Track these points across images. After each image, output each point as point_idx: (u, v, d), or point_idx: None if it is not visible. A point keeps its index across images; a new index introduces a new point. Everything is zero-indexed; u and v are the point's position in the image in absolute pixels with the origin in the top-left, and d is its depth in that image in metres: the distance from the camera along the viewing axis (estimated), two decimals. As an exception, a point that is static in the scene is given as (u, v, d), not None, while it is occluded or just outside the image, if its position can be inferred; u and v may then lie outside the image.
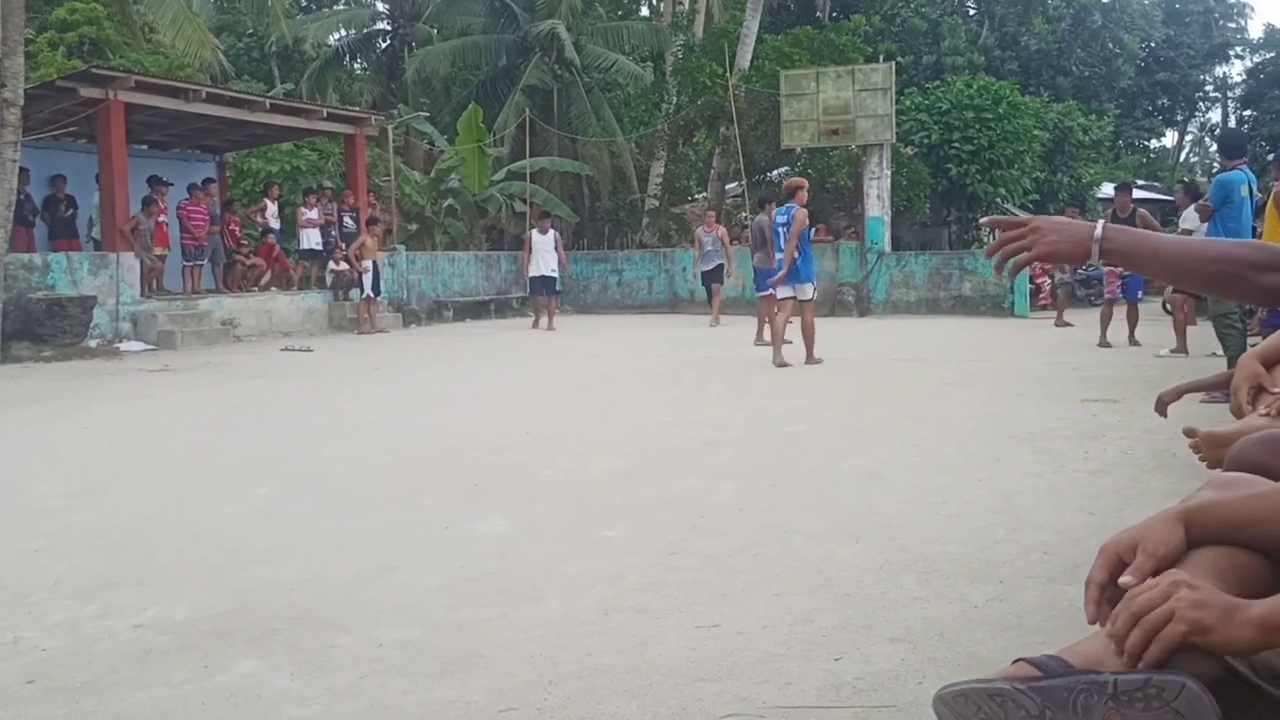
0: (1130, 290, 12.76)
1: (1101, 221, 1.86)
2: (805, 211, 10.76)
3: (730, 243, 18.08)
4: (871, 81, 20.12)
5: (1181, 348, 11.02)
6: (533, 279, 18.09)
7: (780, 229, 10.93)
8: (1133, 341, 12.34)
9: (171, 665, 2.90)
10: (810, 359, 10.73)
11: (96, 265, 14.83)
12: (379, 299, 17.93)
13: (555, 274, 17.96)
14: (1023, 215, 2.22)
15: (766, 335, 12.76)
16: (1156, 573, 1.43)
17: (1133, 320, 12.58)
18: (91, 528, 4.53)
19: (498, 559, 3.91)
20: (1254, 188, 8.70)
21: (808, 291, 10.90)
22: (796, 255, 10.63)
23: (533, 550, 4.02)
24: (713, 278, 17.73)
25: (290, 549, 4.11)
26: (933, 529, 4.16)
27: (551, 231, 18.46)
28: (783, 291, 10.89)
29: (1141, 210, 12.98)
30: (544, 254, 17.81)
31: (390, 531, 4.35)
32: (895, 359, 11.40)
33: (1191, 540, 1.46)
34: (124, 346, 14.22)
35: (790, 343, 10.96)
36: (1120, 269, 12.02)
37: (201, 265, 17.14)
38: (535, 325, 17.72)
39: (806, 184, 11.33)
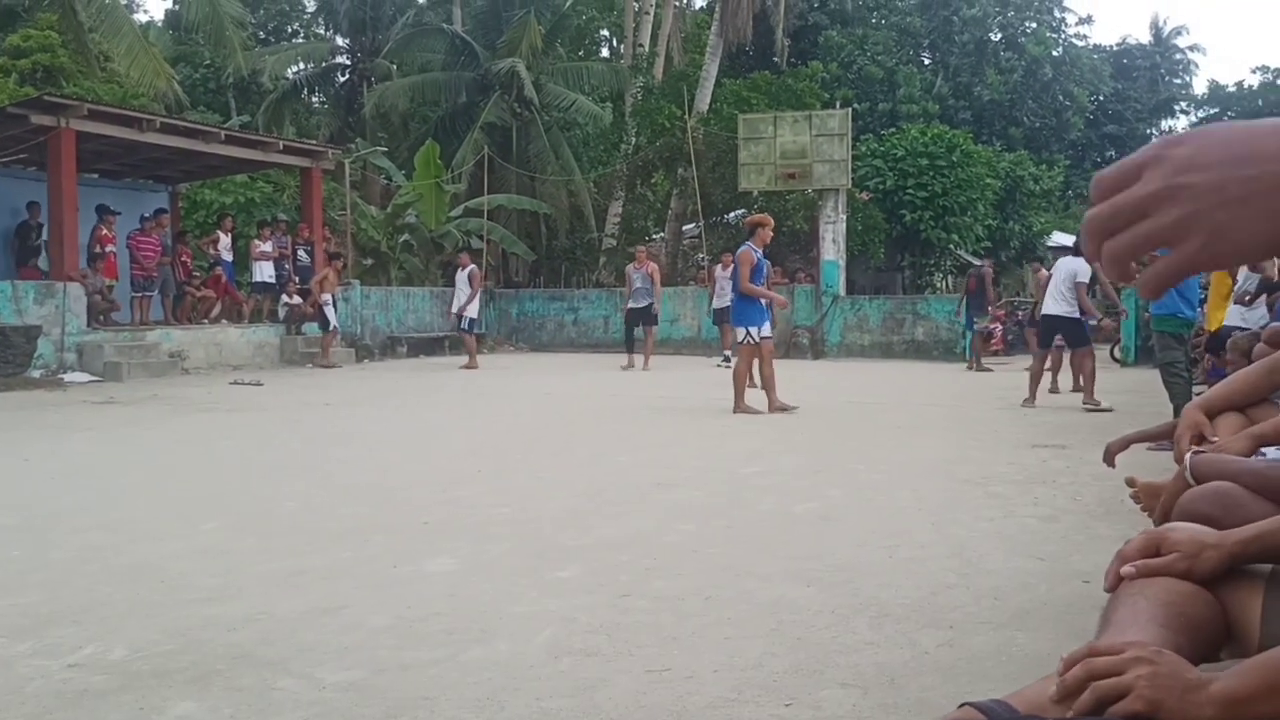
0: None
1: (1189, 454, 1.99)
2: (749, 250, 10.27)
3: (661, 282, 17.55)
4: (828, 127, 20.38)
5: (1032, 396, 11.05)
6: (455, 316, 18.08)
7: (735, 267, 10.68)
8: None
9: (107, 706, 2.81)
10: (738, 406, 10.19)
11: (42, 294, 14.59)
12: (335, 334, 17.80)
13: (462, 310, 17.64)
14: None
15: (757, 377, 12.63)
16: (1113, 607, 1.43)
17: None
18: (29, 563, 4.41)
19: (447, 599, 3.85)
20: None
21: (739, 335, 10.41)
22: (761, 293, 10.24)
23: (482, 590, 3.96)
24: (642, 318, 17.00)
25: (234, 587, 4.03)
26: (886, 573, 4.16)
27: (467, 268, 17.95)
28: (744, 333, 10.31)
29: (1096, 264, 13.27)
30: (460, 291, 17.71)
31: (337, 570, 4.27)
32: (849, 402, 11.46)
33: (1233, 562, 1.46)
34: (68, 378, 13.97)
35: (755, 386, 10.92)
36: None
37: (151, 296, 16.93)
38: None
39: (770, 222, 10.79)
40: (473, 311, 17.85)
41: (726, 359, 16.73)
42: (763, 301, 10.42)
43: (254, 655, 3.23)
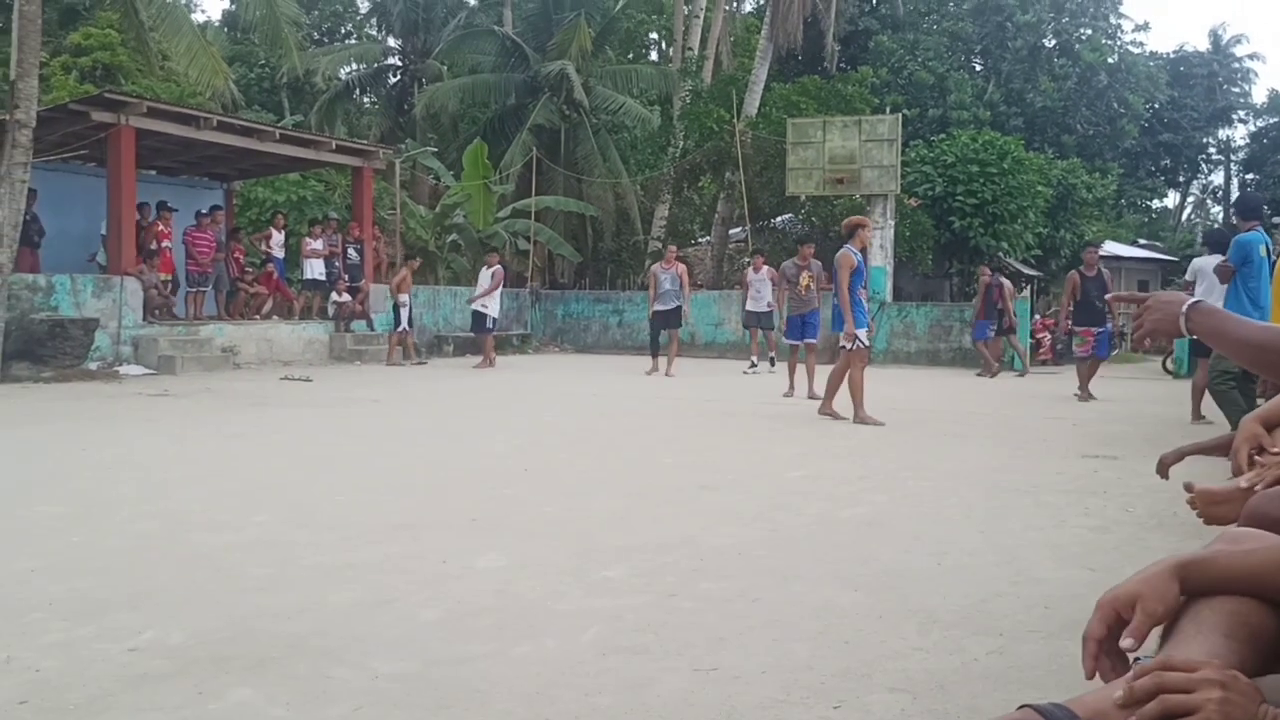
0: (1099, 348, 13.00)
1: (1190, 300, 1.94)
2: (848, 252, 9.83)
3: (691, 283, 17.09)
4: (878, 132, 20.30)
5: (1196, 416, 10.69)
6: (473, 314, 18.21)
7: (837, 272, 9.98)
8: (1085, 395, 12.55)
9: (166, 690, 2.87)
10: (858, 416, 9.75)
11: (100, 288, 14.87)
12: (409, 331, 18.17)
13: (485, 310, 17.81)
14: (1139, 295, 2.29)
15: (799, 385, 12.54)
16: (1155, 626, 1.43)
17: (1085, 374, 12.79)
18: (88, 549, 4.51)
19: (495, 595, 3.89)
20: (1270, 248, 8.68)
21: (846, 340, 9.97)
22: (851, 299, 9.80)
23: (531, 587, 4.00)
24: (668, 321, 16.26)
25: (287, 578, 4.09)
26: (933, 579, 4.15)
27: (493, 268, 18.08)
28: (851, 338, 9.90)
29: (1105, 269, 13.59)
30: (481, 287, 17.95)
31: (388, 564, 4.33)
32: (895, 408, 11.37)
33: (1186, 594, 1.46)
34: (124, 370, 14.23)
35: (819, 398, 10.86)
36: (1093, 329, 12.45)
37: (205, 291, 17.19)
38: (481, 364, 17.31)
39: (868, 223, 10.36)
40: (494, 310, 17.96)
41: (755, 365, 16.70)
42: (865, 304, 10.19)
43: (308, 644, 3.29)
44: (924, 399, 12.62)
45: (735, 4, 36.84)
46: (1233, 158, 44.07)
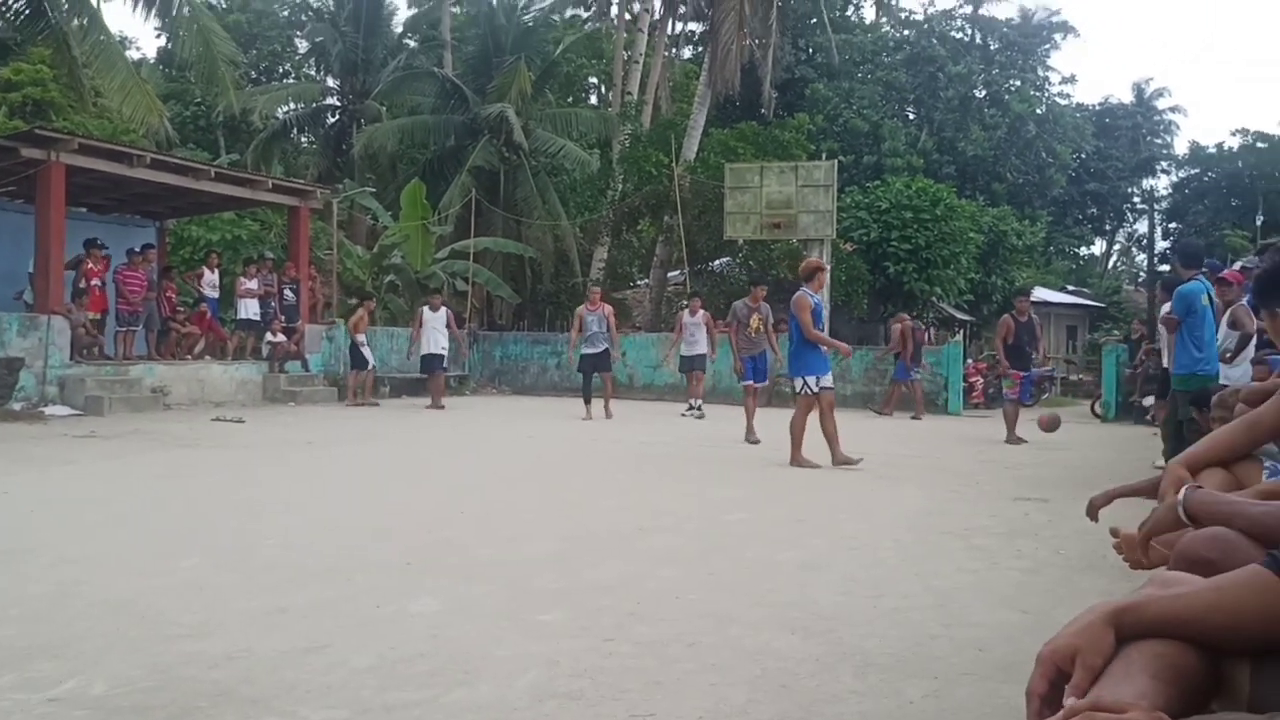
0: (1025, 391, 13.50)
1: (1186, 489, 2.01)
2: (804, 295, 9.77)
3: (617, 324, 16.73)
4: (814, 178, 20.59)
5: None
6: (423, 357, 17.97)
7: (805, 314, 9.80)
8: (1016, 438, 12.70)
9: (87, 742, 2.79)
10: (794, 459, 9.70)
11: (26, 326, 14.54)
12: (363, 371, 18.22)
13: (444, 352, 17.87)
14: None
15: (758, 428, 12.13)
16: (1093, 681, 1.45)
17: (1016, 416, 13.00)
18: (7, 596, 4.37)
19: (430, 640, 3.83)
20: (1212, 296, 8.87)
21: (797, 384, 9.89)
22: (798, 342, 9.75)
23: (466, 632, 3.95)
24: (598, 364, 15.66)
25: (215, 624, 4.00)
26: (869, 622, 4.17)
27: (443, 309, 18.24)
28: (802, 382, 9.79)
29: (1036, 316, 14.01)
30: (435, 332, 17.76)
31: (320, 609, 4.25)
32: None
33: (1121, 640, 1.48)
34: (49, 410, 13.88)
35: (758, 442, 11.16)
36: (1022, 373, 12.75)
37: (135, 331, 16.87)
38: (431, 405, 17.33)
39: (825, 267, 10.23)
40: (448, 351, 17.96)
41: (692, 408, 16.39)
42: (824, 350, 9.99)
43: (235, 693, 3.21)
44: (859, 442, 12.71)
45: (674, 50, 37.32)
46: (1156, 207, 45.32)
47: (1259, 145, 44.09)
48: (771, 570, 5.18)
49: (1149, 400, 16.37)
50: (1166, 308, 10.13)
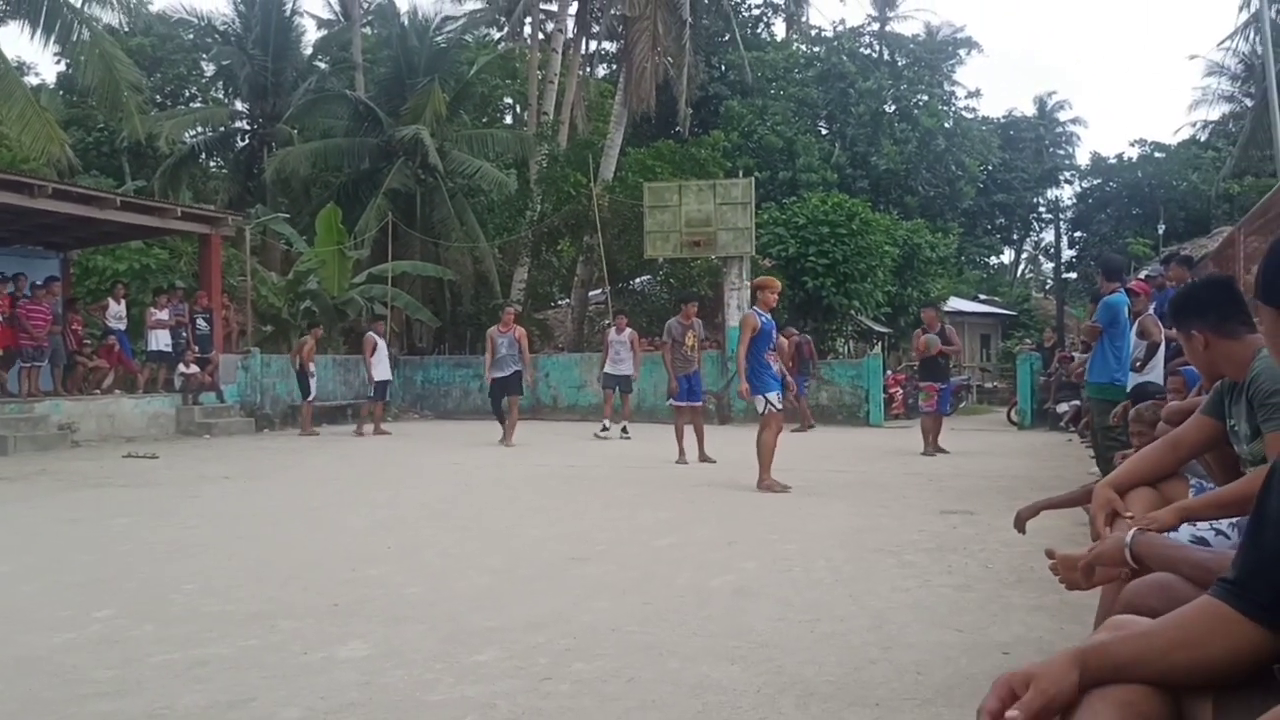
0: (941, 403, 13.52)
1: (1133, 531, 2.01)
2: (752, 314, 9.69)
3: (529, 347, 16.39)
4: (732, 196, 20.71)
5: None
6: (379, 383, 18.03)
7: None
8: (935, 449, 12.95)
9: (-3, 820, 2.63)
10: (762, 482, 9.48)
11: (-77, 365, 13.98)
12: (309, 401, 18.23)
13: (389, 378, 18.04)
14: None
15: (689, 450, 12.06)
16: (1045, 712, 1.43)
17: (932, 429, 13.18)
18: (-93, 658, 4.15)
19: (360, 687, 3.71)
20: (1130, 309, 9.01)
21: (760, 404, 9.69)
22: (745, 363, 9.54)
23: (398, 677, 3.84)
24: (508, 387, 15.28)
25: (133, 680, 3.83)
26: (807, 648, 4.14)
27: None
28: (764, 401, 9.66)
29: (949, 327, 14.34)
30: (384, 358, 17.96)
31: (243, 659, 4.10)
32: (756, 467, 11.48)
33: (1084, 682, 1.47)
34: (-50, 452, 13.35)
35: (714, 461, 11.35)
36: (938, 385, 12.83)
37: (40, 366, 16.32)
38: (375, 431, 17.56)
39: (774, 285, 10.01)
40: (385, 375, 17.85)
41: (608, 428, 16.21)
42: (774, 366, 9.84)
43: (157, 756, 3.07)
44: (784, 458, 12.74)
45: (589, 69, 37.37)
46: (1061, 216, 46.52)
47: (1157, 155, 45.53)
48: (706, 597, 5.14)
49: (1063, 407, 16.72)
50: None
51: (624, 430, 16.22)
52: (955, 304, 32.52)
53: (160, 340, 17.80)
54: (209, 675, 3.88)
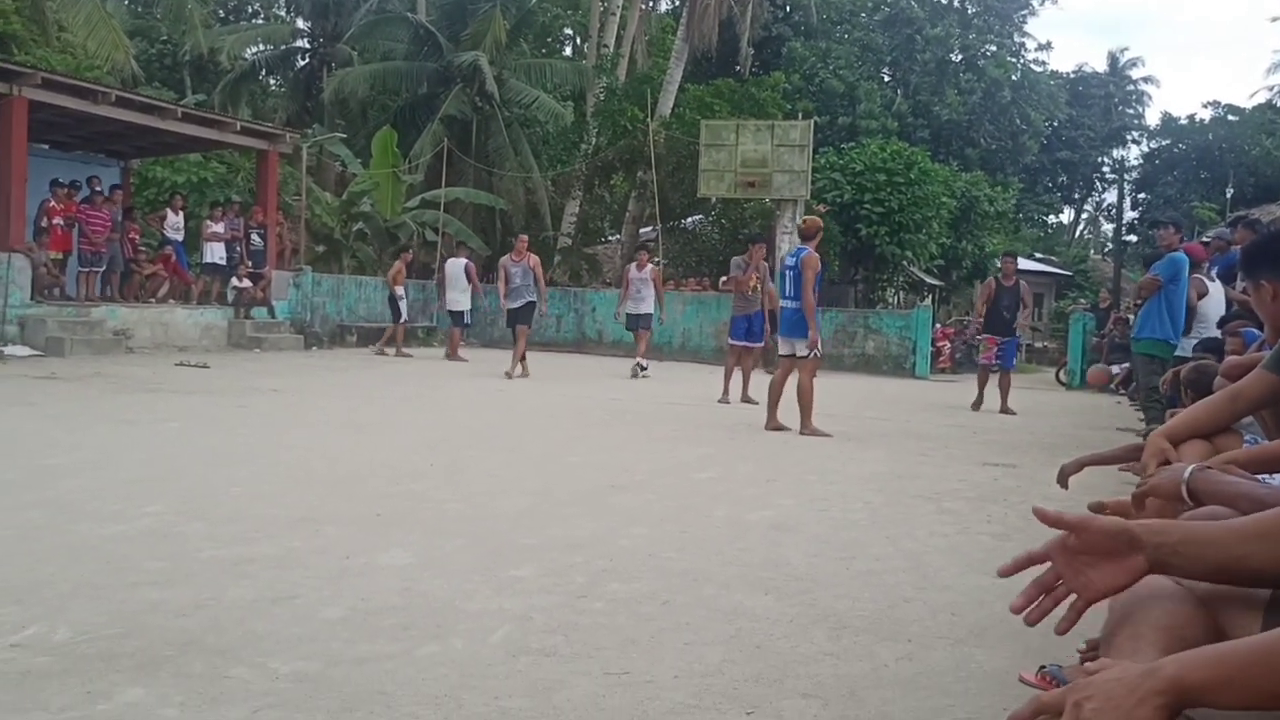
0: (1006, 359, 12.73)
1: (1192, 466, 1.95)
2: (815, 256, 9.43)
3: (545, 278, 15.93)
4: (790, 138, 20.46)
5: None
6: (455, 313, 18.01)
7: (788, 272, 9.53)
8: (1006, 410, 12.20)
9: (51, 689, 2.72)
10: (806, 427, 9.27)
11: (-15, 264, 14.27)
12: (400, 323, 18.63)
13: (462, 307, 17.78)
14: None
15: (734, 390, 12.06)
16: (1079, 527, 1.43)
17: (1004, 388, 12.49)
18: (-33, 539, 4.28)
19: (401, 593, 3.79)
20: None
21: (801, 349, 9.46)
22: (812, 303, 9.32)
23: (437, 586, 3.91)
24: (519, 317, 14.75)
25: (181, 572, 3.93)
26: (842, 584, 4.16)
27: (464, 260, 18.08)
28: (783, 348, 9.67)
29: (1023, 281, 13.19)
30: (457, 285, 17.67)
31: (288, 559, 4.19)
32: (799, 411, 11.47)
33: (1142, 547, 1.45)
34: (9, 351, 13.66)
35: (756, 403, 10.78)
36: (998, 338, 12.36)
37: (98, 272, 16.59)
38: (448, 357, 17.50)
39: (822, 226, 9.95)
40: (467, 304, 17.97)
41: (642, 368, 15.47)
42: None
43: (203, 642, 3.16)
44: (828, 404, 12.72)
45: (651, 3, 36.92)
46: (1126, 177, 45.58)
47: (1230, 118, 44.39)
48: (743, 530, 5.17)
49: (1114, 369, 16.51)
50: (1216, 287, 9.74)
51: (642, 368, 15.48)
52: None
53: (215, 253, 18.02)
54: (255, 572, 3.97)
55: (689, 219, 25.36)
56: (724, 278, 15.38)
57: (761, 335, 12.60)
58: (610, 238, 29.05)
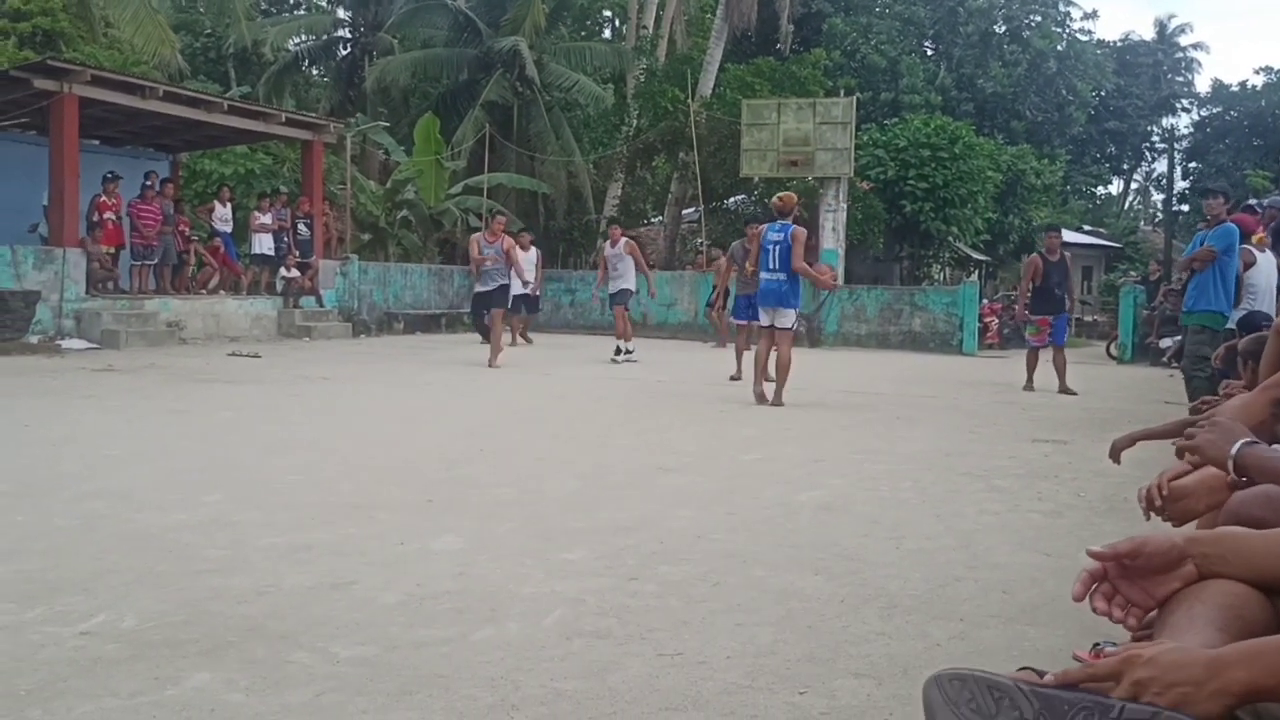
0: (1058, 335, 12.19)
1: (1240, 442, 1.93)
2: (805, 230, 9.84)
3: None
4: (832, 115, 20.34)
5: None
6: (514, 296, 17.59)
7: (773, 247, 9.74)
8: (1065, 390, 11.73)
9: (121, 675, 2.81)
10: (777, 399, 9.70)
11: (42, 260, 14.54)
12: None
13: (525, 290, 16.92)
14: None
15: (747, 368, 11.73)
16: (1131, 554, 1.44)
17: (1061, 366, 11.99)
18: (33, 529, 4.40)
19: (455, 578, 3.85)
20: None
21: (789, 319, 9.84)
22: (808, 272, 9.98)
23: (491, 570, 3.96)
24: (492, 301, 13.82)
25: (241, 559, 4.02)
26: (892, 563, 4.17)
27: (532, 249, 17.93)
28: (763, 318, 9.97)
29: (1066, 253, 12.64)
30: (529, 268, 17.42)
31: (344, 545, 4.27)
32: (847, 391, 11.46)
33: (1190, 557, 1.47)
34: (65, 344, 13.93)
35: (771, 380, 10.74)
36: (1049, 318, 11.99)
37: (151, 265, 16.86)
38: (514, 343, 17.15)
39: (798, 202, 10.38)
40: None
41: (627, 352, 14.60)
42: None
43: (265, 628, 3.23)
44: (875, 382, 12.70)
45: (690, -17, 36.71)
46: (1176, 146, 44.77)
47: (1283, 84, 43.44)
48: (791, 511, 5.19)
49: (1166, 342, 16.27)
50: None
51: (627, 351, 14.61)
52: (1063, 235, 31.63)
53: (263, 244, 18.24)
54: (312, 559, 4.05)
55: (731, 199, 25.29)
56: (721, 258, 15.16)
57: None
58: (653, 219, 29.04)
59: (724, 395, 10.67)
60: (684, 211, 26.19)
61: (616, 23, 38.32)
